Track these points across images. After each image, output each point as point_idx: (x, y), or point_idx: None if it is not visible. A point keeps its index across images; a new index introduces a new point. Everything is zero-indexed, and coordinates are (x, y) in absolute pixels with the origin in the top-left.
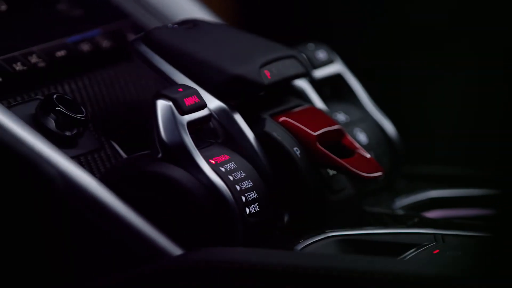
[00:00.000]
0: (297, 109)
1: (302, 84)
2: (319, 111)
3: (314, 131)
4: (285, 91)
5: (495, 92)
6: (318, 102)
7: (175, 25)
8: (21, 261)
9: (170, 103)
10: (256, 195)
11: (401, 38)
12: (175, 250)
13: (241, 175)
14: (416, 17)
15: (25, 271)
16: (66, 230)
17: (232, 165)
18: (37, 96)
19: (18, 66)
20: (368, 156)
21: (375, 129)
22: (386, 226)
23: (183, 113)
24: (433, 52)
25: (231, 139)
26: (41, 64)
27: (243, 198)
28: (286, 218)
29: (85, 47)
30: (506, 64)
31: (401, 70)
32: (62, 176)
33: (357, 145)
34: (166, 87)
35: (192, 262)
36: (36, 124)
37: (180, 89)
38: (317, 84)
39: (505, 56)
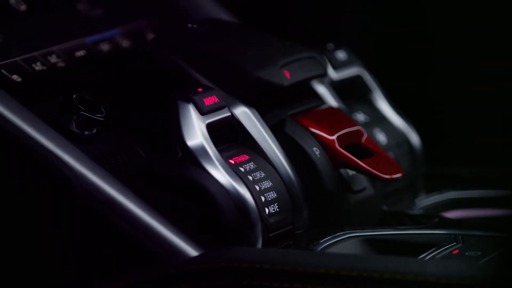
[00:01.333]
0: (316, 110)
1: (322, 84)
2: (338, 111)
3: (333, 133)
4: (304, 91)
5: None
6: (338, 103)
7: (195, 25)
8: (40, 261)
9: (190, 104)
10: (275, 195)
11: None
12: (194, 250)
13: (261, 175)
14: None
15: (43, 271)
16: (85, 230)
17: (251, 165)
18: (57, 96)
19: (38, 66)
20: (388, 157)
21: (395, 130)
22: (406, 226)
23: (202, 113)
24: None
25: (250, 140)
26: (61, 64)
27: (263, 198)
28: (305, 218)
29: (105, 47)
30: None
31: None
32: (82, 175)
33: (377, 145)
34: (186, 88)
35: (211, 262)
36: (56, 124)
37: (200, 89)
38: (337, 85)
39: None
